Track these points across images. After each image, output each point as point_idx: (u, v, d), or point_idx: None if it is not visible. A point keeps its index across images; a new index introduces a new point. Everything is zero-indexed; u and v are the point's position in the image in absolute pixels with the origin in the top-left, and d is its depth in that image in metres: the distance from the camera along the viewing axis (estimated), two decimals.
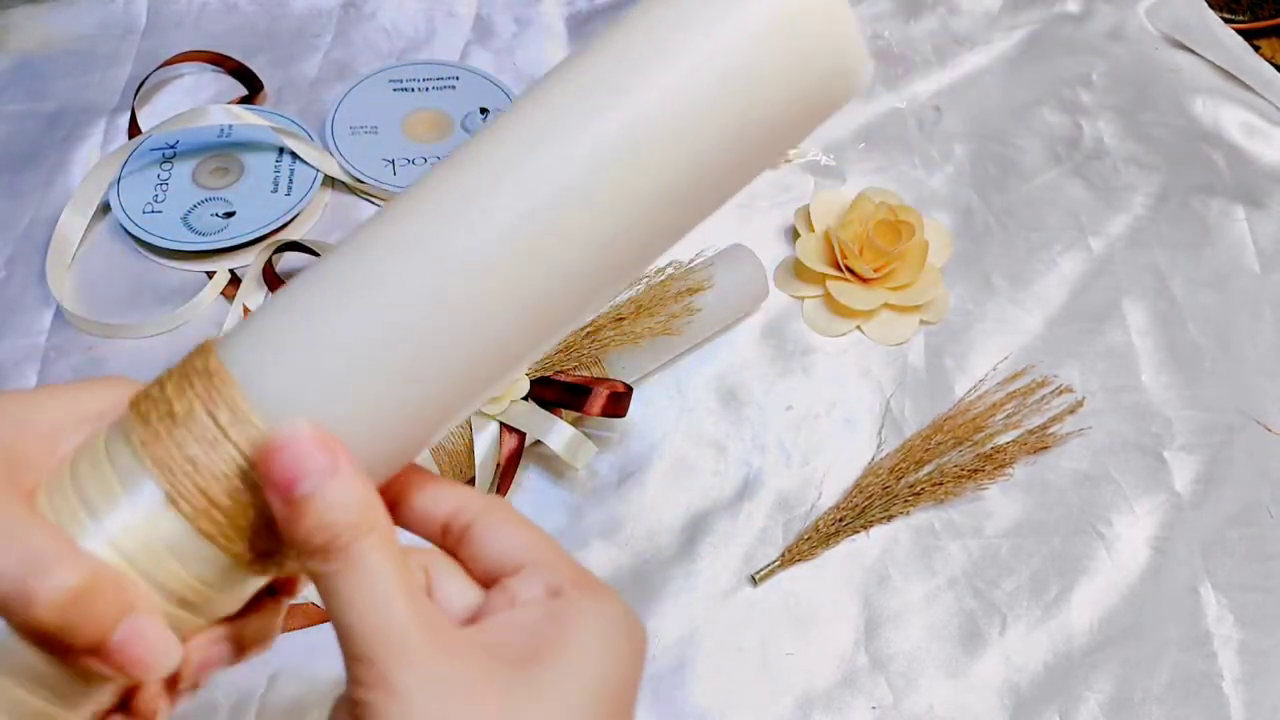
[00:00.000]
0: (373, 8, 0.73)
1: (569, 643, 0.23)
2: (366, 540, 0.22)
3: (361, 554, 0.22)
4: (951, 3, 0.77)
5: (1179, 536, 0.52)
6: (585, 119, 0.23)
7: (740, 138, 0.23)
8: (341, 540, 0.22)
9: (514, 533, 0.26)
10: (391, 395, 0.23)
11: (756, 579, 0.49)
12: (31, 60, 0.68)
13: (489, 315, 0.23)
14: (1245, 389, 0.58)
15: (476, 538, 0.26)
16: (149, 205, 0.59)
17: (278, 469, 0.22)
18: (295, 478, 0.22)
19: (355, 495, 0.22)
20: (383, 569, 0.22)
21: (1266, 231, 0.65)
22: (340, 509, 0.22)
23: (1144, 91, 0.72)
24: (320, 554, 0.22)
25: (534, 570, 0.25)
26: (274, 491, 0.22)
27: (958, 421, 0.54)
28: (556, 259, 0.23)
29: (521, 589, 0.25)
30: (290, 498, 0.22)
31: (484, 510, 0.27)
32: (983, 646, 0.48)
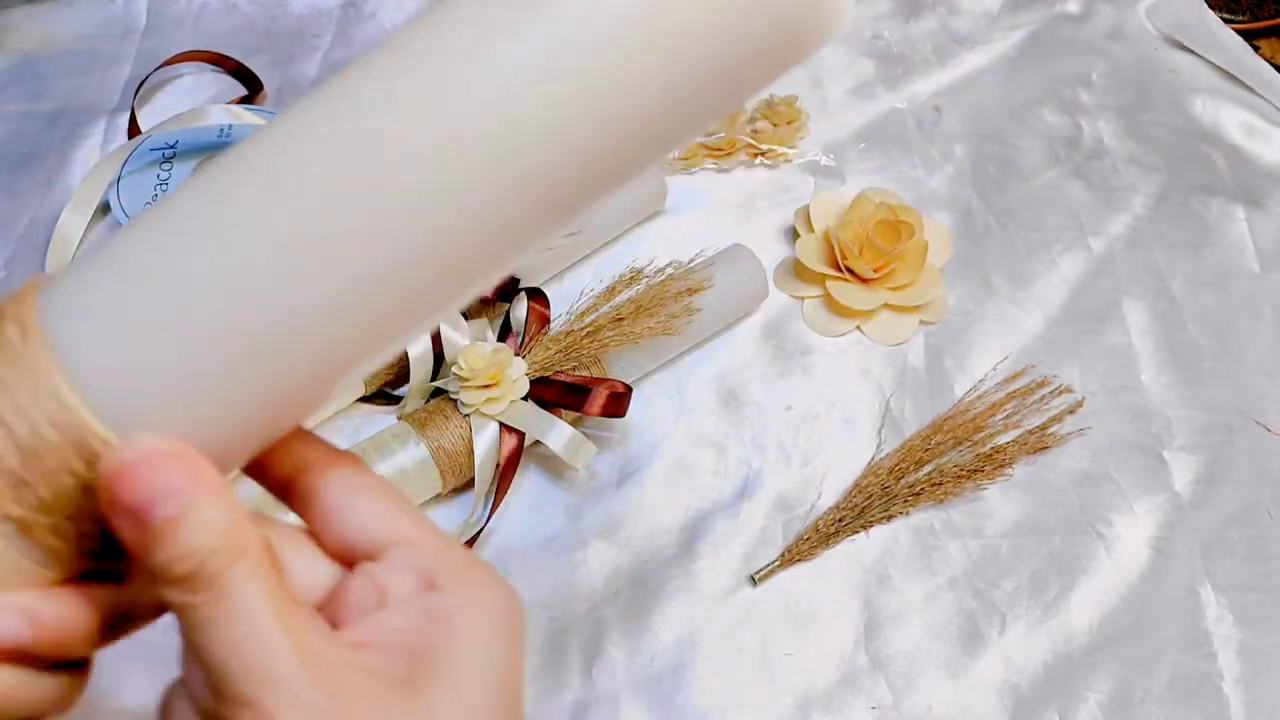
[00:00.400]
0: (373, 8, 0.73)
1: (454, 651, 0.22)
2: (237, 567, 0.20)
3: (232, 584, 0.20)
4: (951, 3, 0.77)
5: (1179, 537, 0.52)
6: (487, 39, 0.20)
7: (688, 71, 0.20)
8: (208, 569, 0.20)
9: (371, 503, 0.24)
10: (252, 373, 0.20)
11: (756, 579, 0.49)
12: (31, 60, 0.68)
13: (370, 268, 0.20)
14: (1245, 389, 0.58)
15: (328, 504, 0.24)
16: (149, 205, 0.59)
17: (128, 492, 0.19)
18: (151, 501, 0.19)
19: (222, 517, 0.20)
20: (257, 600, 0.20)
21: (1266, 231, 0.65)
22: (206, 534, 0.20)
23: (1144, 92, 0.72)
24: (183, 584, 0.20)
25: (400, 555, 0.23)
26: (123, 517, 0.19)
27: (957, 421, 0.54)
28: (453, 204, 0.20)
29: (390, 580, 0.23)
30: (147, 523, 0.19)
31: (332, 469, 0.24)
32: (982, 646, 0.48)
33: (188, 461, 0.20)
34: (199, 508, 0.20)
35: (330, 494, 0.23)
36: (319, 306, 0.20)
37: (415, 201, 0.20)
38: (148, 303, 0.20)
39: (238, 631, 0.20)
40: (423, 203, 0.20)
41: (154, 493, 0.19)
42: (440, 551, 0.23)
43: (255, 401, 0.21)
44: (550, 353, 0.51)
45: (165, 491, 0.19)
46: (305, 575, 0.23)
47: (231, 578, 0.20)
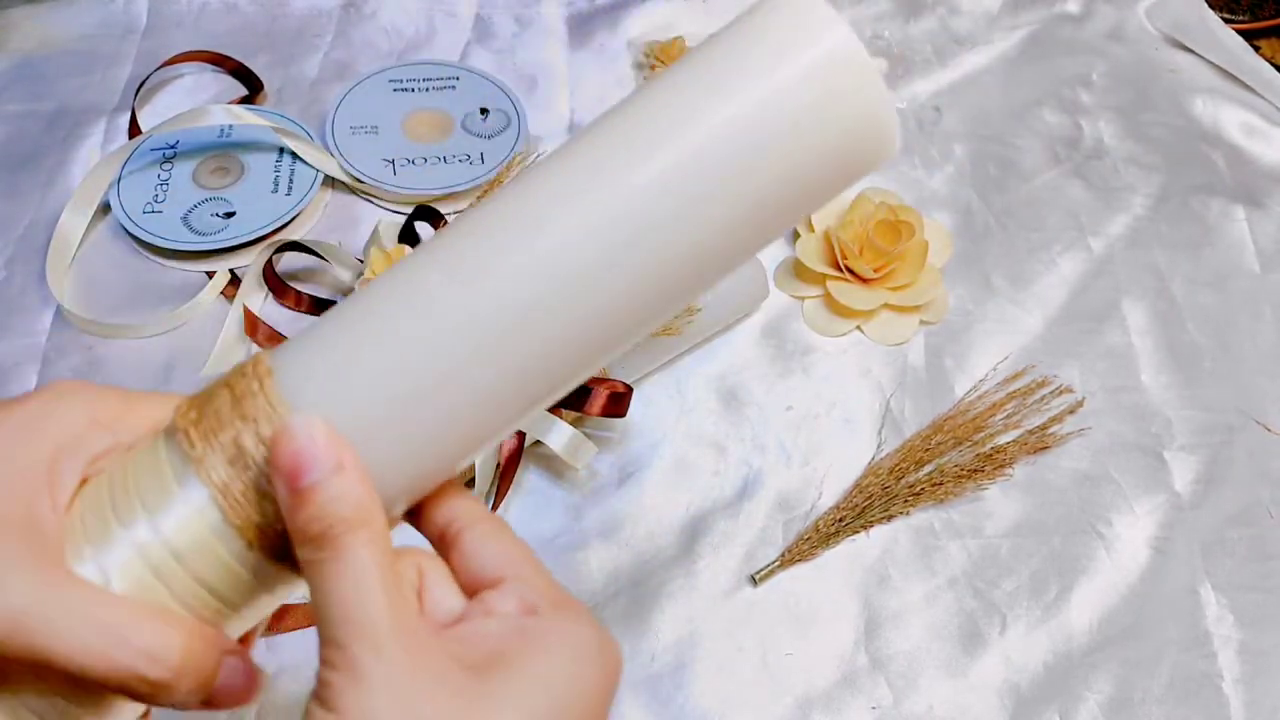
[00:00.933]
0: (373, 8, 0.73)
1: (531, 657, 0.24)
2: (357, 535, 0.23)
3: (350, 547, 0.23)
4: (951, 3, 0.77)
5: (1179, 536, 0.52)
6: (634, 162, 0.24)
7: (780, 186, 0.24)
8: (334, 531, 0.23)
9: (500, 546, 0.27)
10: (421, 425, 0.25)
11: (756, 579, 0.49)
12: (31, 60, 0.68)
13: (533, 357, 0.25)
14: (1245, 389, 0.58)
15: (466, 546, 0.27)
16: (149, 205, 0.59)
17: (286, 457, 0.23)
18: (302, 468, 0.23)
19: (353, 494, 0.23)
20: (367, 564, 0.23)
21: (1266, 231, 0.65)
22: (338, 503, 0.23)
23: (1144, 92, 0.72)
24: (313, 542, 0.23)
25: (513, 585, 0.26)
26: (280, 477, 0.23)
27: (958, 421, 0.54)
28: (595, 304, 0.24)
29: (497, 602, 0.26)
30: (295, 486, 0.23)
31: (477, 520, 0.27)
32: (982, 647, 0.48)
33: (336, 442, 0.24)
34: (337, 482, 0.23)
35: (470, 539, 0.27)
36: (490, 383, 0.25)
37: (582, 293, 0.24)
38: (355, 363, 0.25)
39: (344, 584, 0.23)
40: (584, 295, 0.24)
41: (305, 461, 0.23)
42: (549, 588, 0.26)
43: (423, 456, 0.25)
44: None
45: (315, 462, 0.23)
46: (441, 601, 0.26)
47: (350, 541, 0.23)
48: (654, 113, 0.24)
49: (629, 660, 0.47)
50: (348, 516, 0.23)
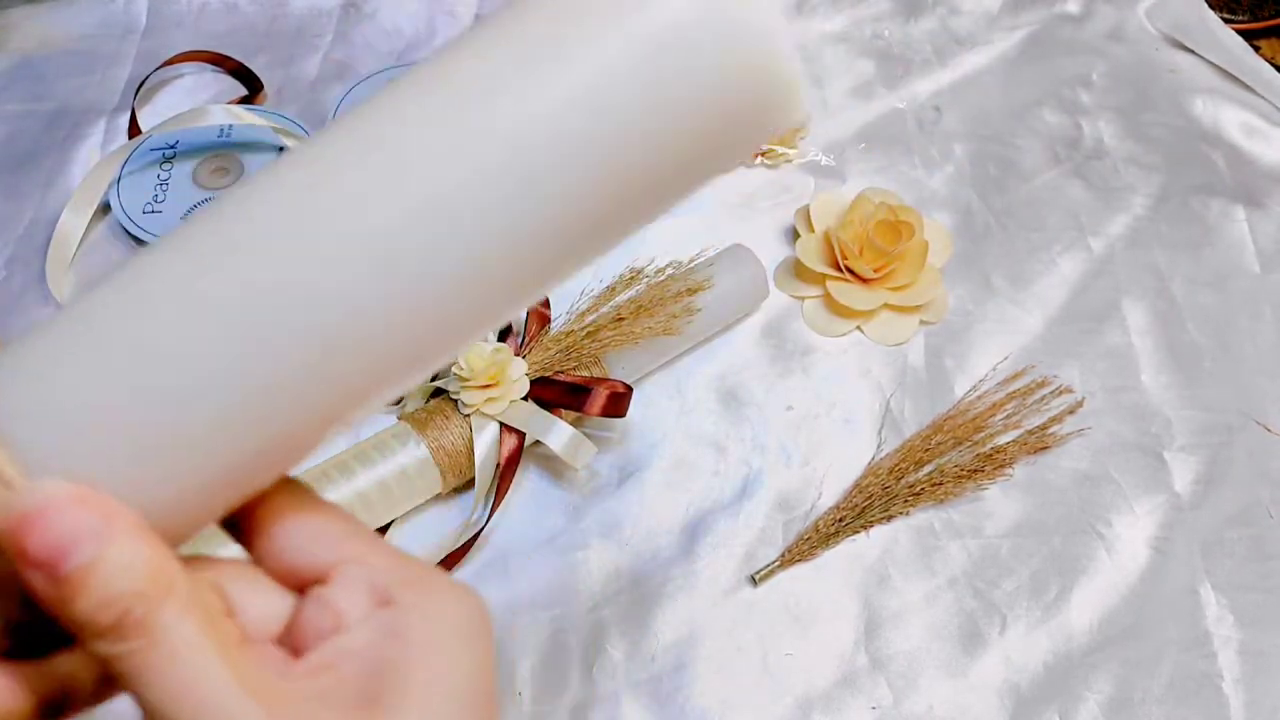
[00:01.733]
0: (373, 8, 0.73)
1: (414, 665, 0.20)
2: (166, 608, 0.19)
3: (163, 626, 0.19)
4: (951, 3, 0.77)
5: (1179, 537, 0.52)
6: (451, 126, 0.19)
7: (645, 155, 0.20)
8: (135, 613, 0.18)
9: (316, 526, 0.22)
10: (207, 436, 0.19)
11: (756, 579, 0.49)
12: (31, 60, 0.68)
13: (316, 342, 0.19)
14: (1245, 389, 0.58)
15: (270, 531, 0.22)
16: (149, 205, 0.59)
17: (36, 544, 0.18)
18: (62, 550, 0.18)
19: (141, 556, 0.19)
20: (192, 639, 0.19)
21: (1266, 232, 0.65)
22: (126, 576, 0.18)
23: (1144, 92, 0.72)
24: (112, 633, 0.18)
25: (352, 574, 0.22)
26: (35, 571, 0.18)
27: (958, 422, 0.54)
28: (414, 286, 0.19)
29: (343, 601, 0.21)
30: (59, 575, 0.18)
31: (272, 495, 0.23)
32: (983, 647, 0.48)
33: (96, 503, 0.18)
34: (115, 549, 0.18)
35: (272, 521, 0.22)
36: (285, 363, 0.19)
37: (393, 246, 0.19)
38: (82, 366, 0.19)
39: (178, 675, 0.19)
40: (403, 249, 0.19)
41: (63, 539, 0.18)
42: (393, 566, 0.22)
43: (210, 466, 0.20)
44: (550, 353, 0.51)
45: (75, 536, 0.18)
46: (258, 609, 0.22)
47: (162, 618, 0.19)
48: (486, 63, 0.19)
49: (629, 660, 0.47)
50: (143, 589, 0.18)
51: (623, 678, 0.47)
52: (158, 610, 0.19)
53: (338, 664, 0.21)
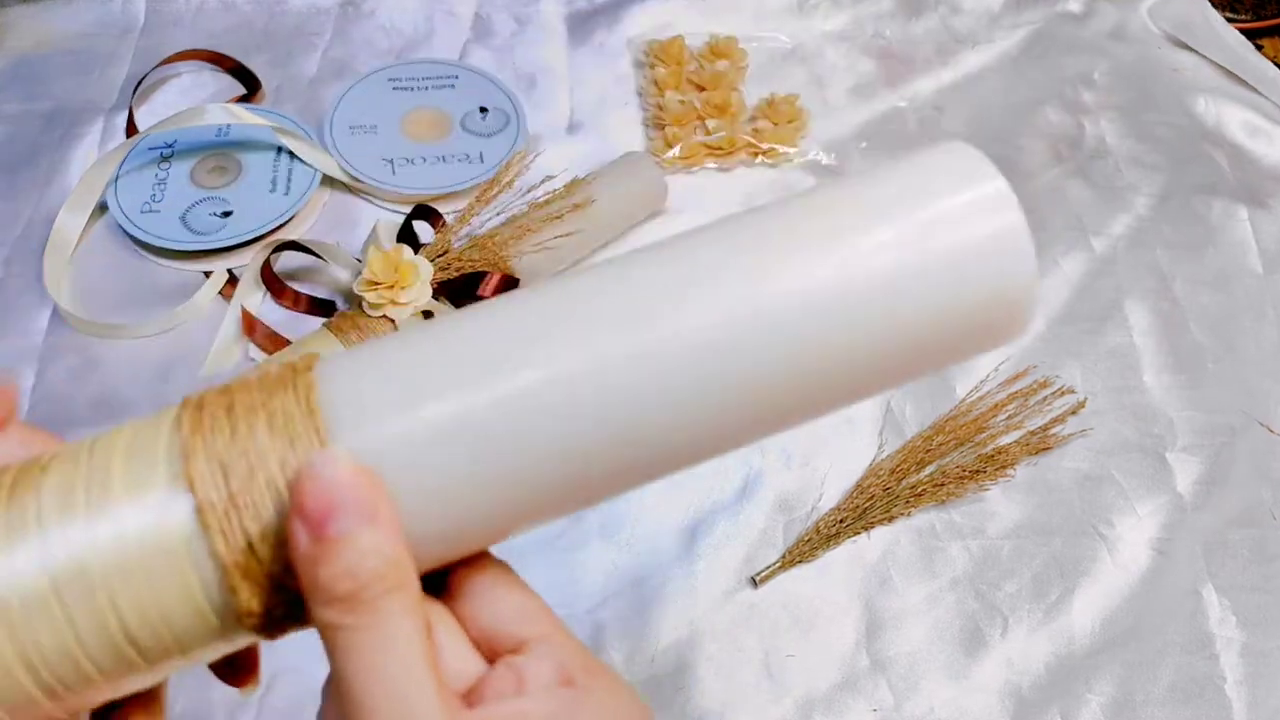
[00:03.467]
0: (372, 6, 0.73)
1: None
2: (394, 598, 0.20)
3: (388, 613, 0.20)
4: (953, 2, 0.77)
5: (1181, 538, 0.52)
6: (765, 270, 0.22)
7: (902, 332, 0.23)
8: (369, 593, 0.20)
9: (515, 599, 0.24)
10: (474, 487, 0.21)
11: (757, 580, 0.49)
12: (29, 59, 0.68)
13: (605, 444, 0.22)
14: (1247, 390, 0.57)
15: (477, 597, 0.24)
16: (146, 205, 0.59)
17: (313, 498, 0.19)
18: (331, 512, 0.19)
19: (389, 549, 0.20)
20: (409, 635, 0.20)
21: (1269, 232, 0.65)
22: (374, 557, 0.20)
23: (1146, 91, 0.72)
24: (342, 604, 0.20)
25: (543, 649, 0.23)
26: (303, 522, 0.20)
27: (959, 422, 0.54)
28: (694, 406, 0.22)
29: (530, 670, 0.22)
30: (321, 533, 0.19)
31: (484, 565, 0.24)
32: (984, 648, 0.48)
33: (375, 489, 0.20)
34: (373, 532, 0.20)
35: (479, 588, 0.24)
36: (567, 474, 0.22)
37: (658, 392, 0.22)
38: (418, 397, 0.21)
39: (388, 660, 0.20)
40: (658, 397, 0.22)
41: (337, 505, 0.19)
42: (579, 654, 0.24)
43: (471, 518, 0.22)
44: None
45: (347, 507, 0.19)
46: (454, 657, 0.23)
47: (387, 606, 0.20)
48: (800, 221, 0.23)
49: (629, 661, 0.47)
50: (385, 575, 0.20)
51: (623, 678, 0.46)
52: (389, 598, 0.20)
53: (513, 715, 0.21)
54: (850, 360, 0.23)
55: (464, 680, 0.23)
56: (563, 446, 0.22)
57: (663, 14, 0.74)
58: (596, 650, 0.47)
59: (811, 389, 0.23)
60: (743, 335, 0.22)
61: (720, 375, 0.22)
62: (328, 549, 0.19)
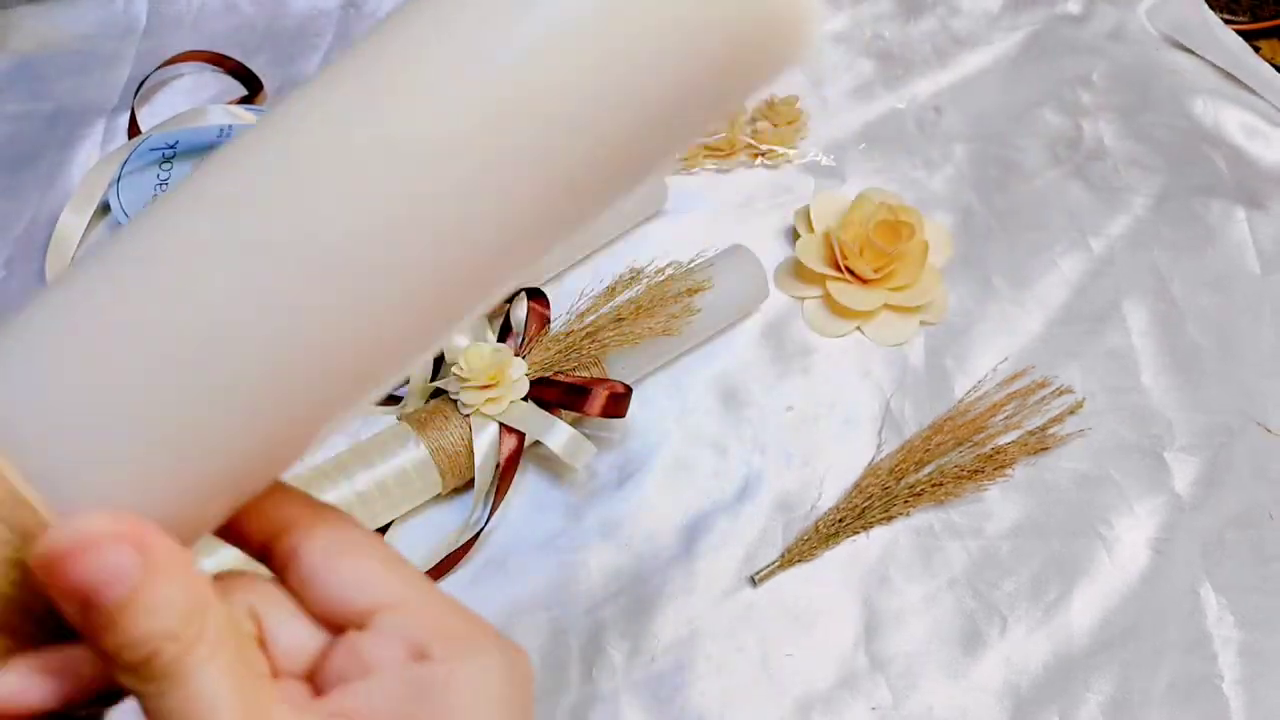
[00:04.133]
0: (373, 7, 0.73)
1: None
2: (194, 654, 0.18)
3: (188, 673, 0.18)
4: (951, 3, 0.77)
5: (1179, 538, 0.52)
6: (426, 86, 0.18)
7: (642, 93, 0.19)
8: (163, 657, 0.18)
9: (355, 564, 0.21)
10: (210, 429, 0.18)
11: (756, 580, 0.49)
12: (31, 60, 0.68)
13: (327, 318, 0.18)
14: (1246, 390, 0.58)
15: (311, 566, 0.21)
16: (149, 203, 0.59)
17: (69, 577, 0.17)
18: (95, 586, 0.17)
19: (178, 597, 0.18)
20: (217, 686, 0.18)
21: (1267, 233, 0.65)
22: (159, 617, 0.18)
23: (1144, 92, 0.72)
24: (136, 672, 0.18)
25: (387, 622, 0.21)
26: (67, 601, 0.18)
27: (958, 422, 0.54)
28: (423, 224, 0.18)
29: (375, 649, 0.20)
30: (96, 608, 0.17)
31: (317, 527, 0.22)
32: (983, 648, 0.48)
33: (136, 538, 0.18)
34: (151, 589, 0.18)
35: (311, 556, 0.21)
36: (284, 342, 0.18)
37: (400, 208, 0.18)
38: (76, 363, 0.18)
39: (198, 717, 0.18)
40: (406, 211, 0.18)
41: (99, 576, 0.17)
42: (434, 616, 0.21)
43: (216, 460, 0.19)
44: (550, 353, 0.51)
45: (111, 574, 0.17)
46: (290, 639, 0.21)
47: (187, 666, 0.18)
48: None
49: (629, 660, 0.47)
50: (175, 631, 0.18)
51: (622, 678, 0.47)
52: (186, 655, 0.18)
53: (358, 709, 0.20)
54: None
55: (305, 659, 0.21)
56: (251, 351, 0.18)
57: None
58: (596, 650, 0.47)
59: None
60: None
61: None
62: (104, 621, 0.17)
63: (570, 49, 0.18)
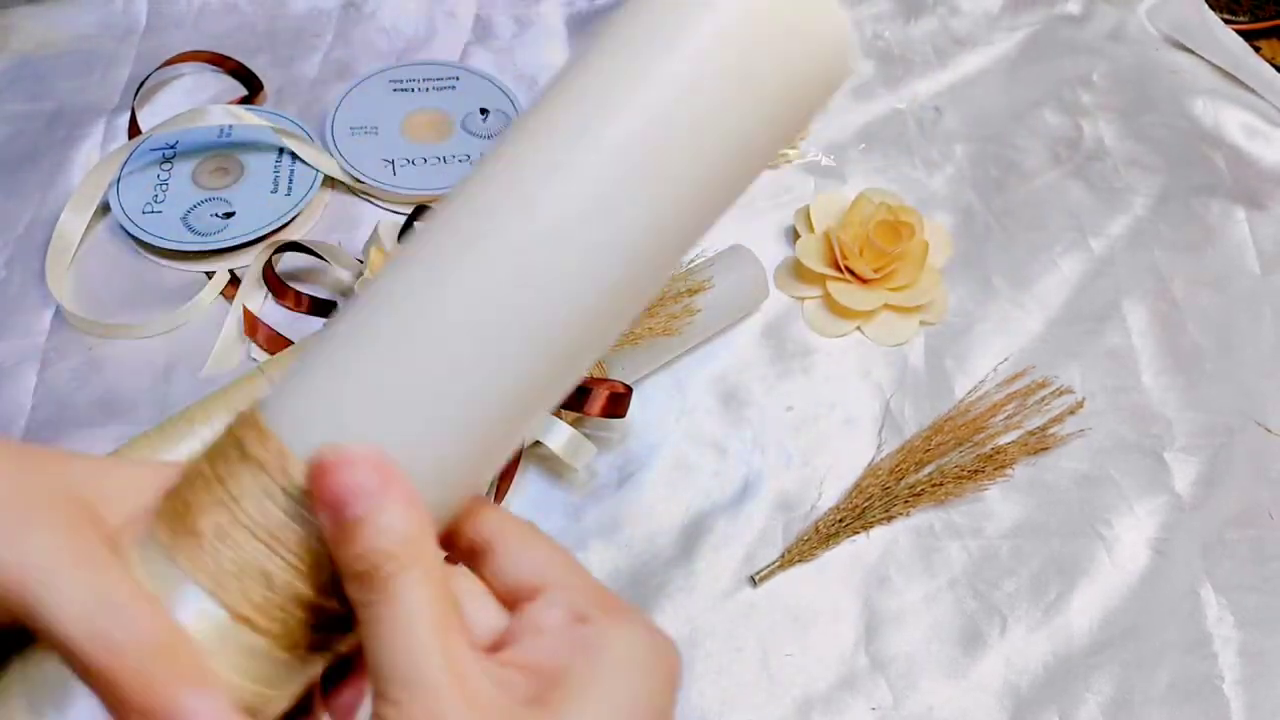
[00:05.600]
0: (373, 8, 0.73)
1: (595, 673, 0.23)
2: (407, 575, 0.21)
3: (400, 590, 0.21)
4: (952, 3, 0.77)
5: (1179, 538, 0.52)
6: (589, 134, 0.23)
7: (737, 135, 0.24)
8: (382, 572, 0.21)
9: (535, 552, 0.25)
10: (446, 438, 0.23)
11: (756, 580, 0.49)
12: (32, 60, 0.68)
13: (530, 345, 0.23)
14: (1245, 390, 0.58)
15: (499, 557, 0.25)
16: (149, 205, 0.59)
17: (329, 489, 0.21)
18: (345, 499, 0.21)
19: (401, 525, 0.21)
20: (420, 610, 0.21)
21: (1267, 233, 0.65)
22: (385, 537, 0.21)
23: (1144, 92, 0.72)
24: (361, 582, 0.21)
25: (556, 593, 0.24)
26: (326, 511, 0.21)
27: (958, 422, 0.54)
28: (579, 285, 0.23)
29: (544, 615, 0.24)
30: (340, 519, 0.21)
31: (506, 528, 0.26)
32: (983, 648, 0.48)
33: (381, 468, 0.21)
34: (384, 512, 0.21)
35: (503, 549, 0.25)
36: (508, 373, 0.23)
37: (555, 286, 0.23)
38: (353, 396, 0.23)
39: (397, 635, 0.21)
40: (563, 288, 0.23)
41: (347, 491, 0.21)
42: (594, 591, 0.25)
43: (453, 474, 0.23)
44: None
45: (357, 491, 0.21)
46: (480, 619, 0.25)
47: (400, 584, 0.21)
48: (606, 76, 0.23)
49: None
50: (396, 553, 0.21)
51: None
52: (400, 575, 0.21)
53: (526, 662, 0.23)
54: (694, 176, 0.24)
55: (490, 633, 0.25)
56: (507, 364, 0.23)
57: None
58: None
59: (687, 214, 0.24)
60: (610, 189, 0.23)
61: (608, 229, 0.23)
62: (346, 532, 0.21)
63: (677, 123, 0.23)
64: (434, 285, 0.23)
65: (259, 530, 0.22)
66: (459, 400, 0.23)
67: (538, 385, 0.24)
